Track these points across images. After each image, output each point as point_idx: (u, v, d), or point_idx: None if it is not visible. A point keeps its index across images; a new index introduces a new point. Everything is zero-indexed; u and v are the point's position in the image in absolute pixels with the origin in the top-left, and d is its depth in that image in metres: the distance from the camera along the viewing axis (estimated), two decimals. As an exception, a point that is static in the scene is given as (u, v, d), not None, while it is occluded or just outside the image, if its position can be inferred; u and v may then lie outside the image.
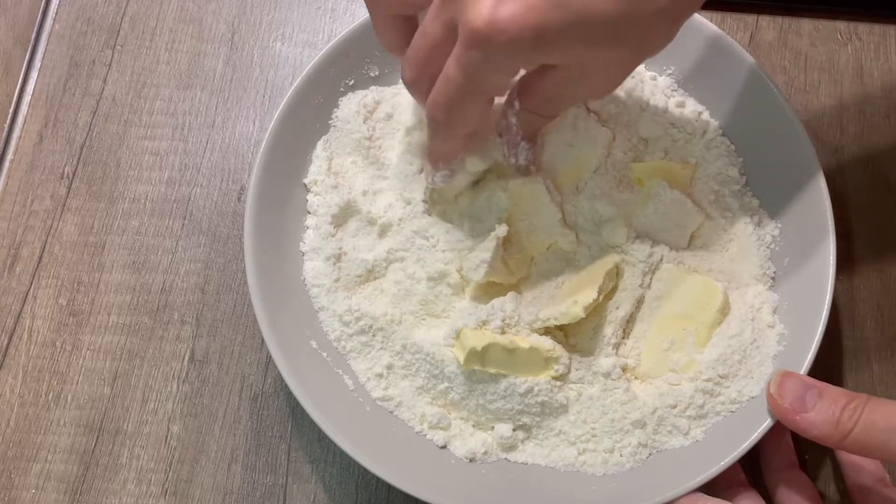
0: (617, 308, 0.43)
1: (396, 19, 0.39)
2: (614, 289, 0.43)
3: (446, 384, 0.42)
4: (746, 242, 0.45)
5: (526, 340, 0.41)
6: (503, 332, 0.42)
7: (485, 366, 0.41)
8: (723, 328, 0.43)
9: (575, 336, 0.44)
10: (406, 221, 0.45)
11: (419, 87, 0.38)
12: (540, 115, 0.40)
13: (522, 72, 0.38)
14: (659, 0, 0.33)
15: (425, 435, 0.43)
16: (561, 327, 0.43)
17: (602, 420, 0.42)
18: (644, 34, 0.34)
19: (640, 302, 0.44)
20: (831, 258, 0.42)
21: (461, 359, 0.40)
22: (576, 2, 0.32)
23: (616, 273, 0.43)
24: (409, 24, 0.39)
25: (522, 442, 0.43)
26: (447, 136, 0.39)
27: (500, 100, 0.40)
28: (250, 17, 0.55)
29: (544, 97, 0.38)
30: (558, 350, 0.42)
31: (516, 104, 0.39)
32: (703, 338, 0.42)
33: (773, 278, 0.44)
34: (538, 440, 0.42)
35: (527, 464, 0.42)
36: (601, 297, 0.42)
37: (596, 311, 0.43)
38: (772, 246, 0.45)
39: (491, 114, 0.40)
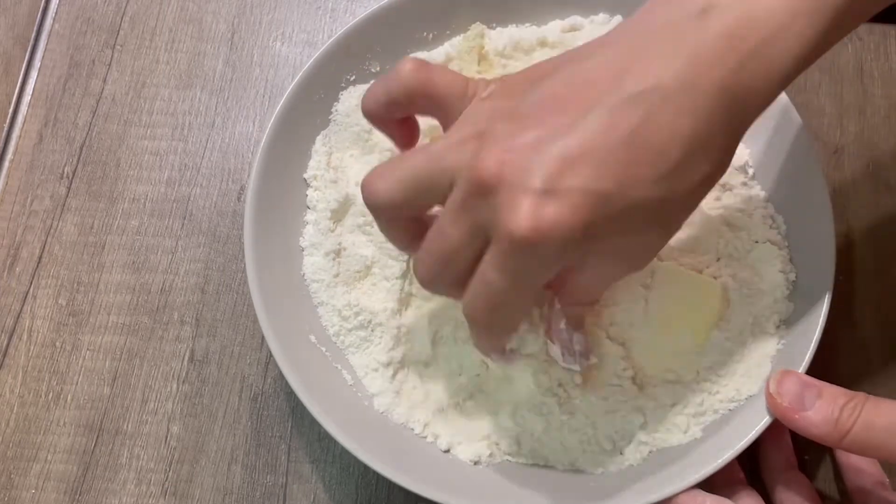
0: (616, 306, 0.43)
1: (405, 223, 0.37)
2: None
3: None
4: (766, 244, 0.44)
5: None
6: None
7: None
8: (722, 327, 0.43)
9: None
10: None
11: (436, 286, 0.36)
12: (581, 304, 0.39)
13: None
14: (694, 176, 0.32)
15: (426, 437, 0.43)
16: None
17: (603, 419, 0.42)
18: (682, 208, 0.34)
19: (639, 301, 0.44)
20: (831, 258, 0.42)
21: None
22: (616, 195, 0.31)
23: None
24: (419, 224, 0.37)
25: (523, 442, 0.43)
26: (492, 337, 0.37)
27: None
28: (250, 17, 0.55)
29: (584, 288, 0.37)
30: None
31: (557, 306, 0.39)
32: (701, 337, 0.42)
33: (794, 281, 0.43)
34: (540, 441, 0.42)
35: (527, 464, 0.42)
36: None
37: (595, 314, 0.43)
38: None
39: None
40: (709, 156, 0.32)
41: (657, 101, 0.31)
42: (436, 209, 0.35)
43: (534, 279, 0.33)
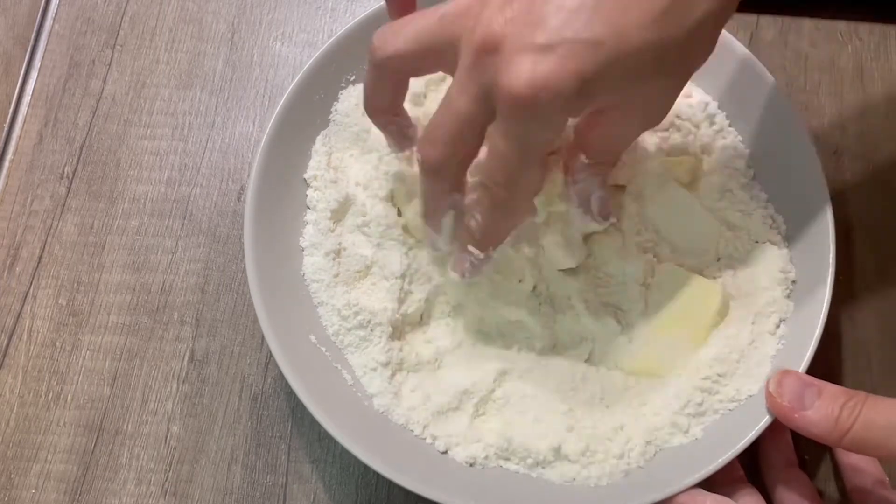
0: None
1: (395, 85, 0.37)
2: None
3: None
4: (766, 245, 0.44)
5: None
6: None
7: None
8: (721, 328, 0.43)
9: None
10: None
11: (447, 167, 0.36)
12: (602, 162, 0.38)
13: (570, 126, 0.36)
14: (692, 14, 0.32)
15: (424, 439, 0.43)
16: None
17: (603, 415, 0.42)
18: (686, 52, 0.33)
19: (637, 302, 0.44)
20: (831, 258, 0.42)
21: None
22: (610, 40, 0.31)
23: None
24: (401, 93, 0.38)
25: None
26: (512, 212, 0.37)
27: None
28: (250, 17, 0.55)
29: (602, 144, 0.37)
30: None
31: (582, 158, 0.38)
32: (700, 338, 0.42)
33: (794, 281, 0.43)
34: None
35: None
36: None
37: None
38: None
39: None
40: None
41: None
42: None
43: (540, 139, 0.33)
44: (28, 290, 0.49)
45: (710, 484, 0.39)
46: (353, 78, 0.47)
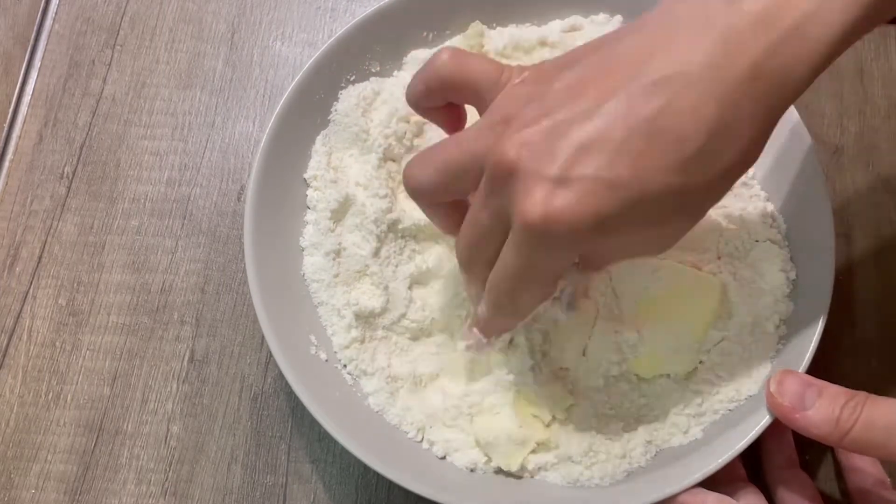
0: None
1: (444, 207, 0.38)
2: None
3: None
4: (766, 244, 0.44)
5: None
6: None
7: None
8: (721, 326, 0.43)
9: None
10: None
11: (473, 268, 0.37)
12: (589, 268, 0.39)
13: None
14: (718, 164, 0.31)
15: (420, 442, 0.43)
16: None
17: (611, 426, 0.42)
18: (706, 198, 0.33)
19: (637, 298, 0.44)
20: (831, 258, 0.42)
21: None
22: (631, 184, 0.30)
23: None
24: (459, 207, 0.38)
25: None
26: (511, 315, 0.38)
27: None
28: (250, 17, 0.55)
29: (599, 260, 0.37)
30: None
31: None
32: (700, 333, 0.42)
33: (794, 281, 0.43)
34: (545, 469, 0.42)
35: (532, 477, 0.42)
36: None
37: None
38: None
39: None
40: (734, 144, 0.31)
41: (680, 87, 0.30)
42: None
43: (548, 265, 0.33)
44: (28, 290, 0.49)
45: (711, 483, 0.39)
46: (353, 78, 0.47)
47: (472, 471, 0.42)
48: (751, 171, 0.46)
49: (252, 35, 0.55)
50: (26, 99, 0.53)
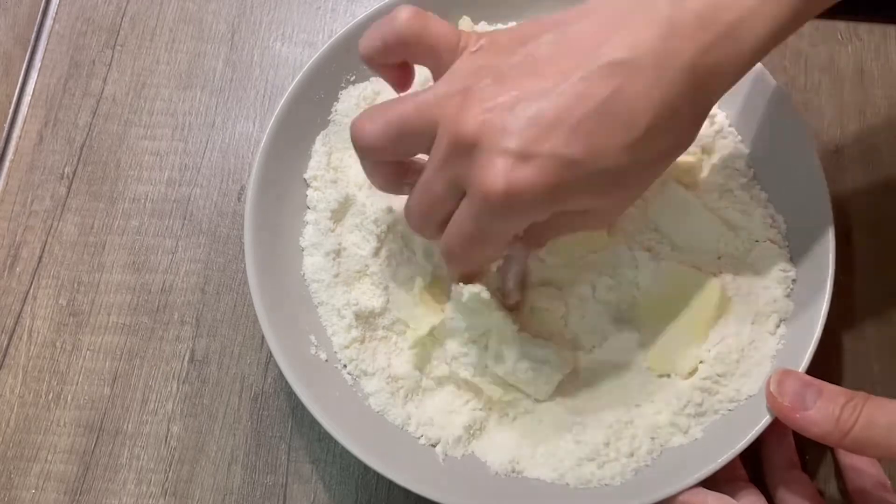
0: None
1: (387, 166, 0.39)
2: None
3: None
4: (766, 244, 0.44)
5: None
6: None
7: None
8: (721, 326, 0.43)
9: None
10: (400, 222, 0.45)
11: (425, 231, 0.39)
12: (534, 244, 0.42)
13: None
14: (659, 146, 0.34)
15: (419, 439, 0.43)
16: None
17: (617, 423, 0.42)
18: (647, 175, 0.36)
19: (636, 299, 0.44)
20: (831, 258, 0.42)
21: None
22: (584, 161, 0.33)
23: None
24: (399, 168, 0.39)
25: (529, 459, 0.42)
26: (469, 266, 0.40)
27: None
28: (250, 17, 0.55)
29: (543, 234, 0.39)
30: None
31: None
32: (700, 333, 0.42)
33: (794, 281, 0.43)
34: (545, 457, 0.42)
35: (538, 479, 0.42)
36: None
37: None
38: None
39: None
40: (675, 128, 0.34)
41: (630, 73, 0.33)
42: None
43: (501, 231, 0.36)
44: (28, 291, 0.49)
45: (712, 483, 0.39)
46: (353, 78, 0.47)
47: (472, 471, 0.42)
48: (751, 172, 0.46)
49: (252, 35, 0.55)
50: (26, 99, 0.53)
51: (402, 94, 0.39)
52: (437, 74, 0.37)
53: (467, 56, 0.36)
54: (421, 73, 0.42)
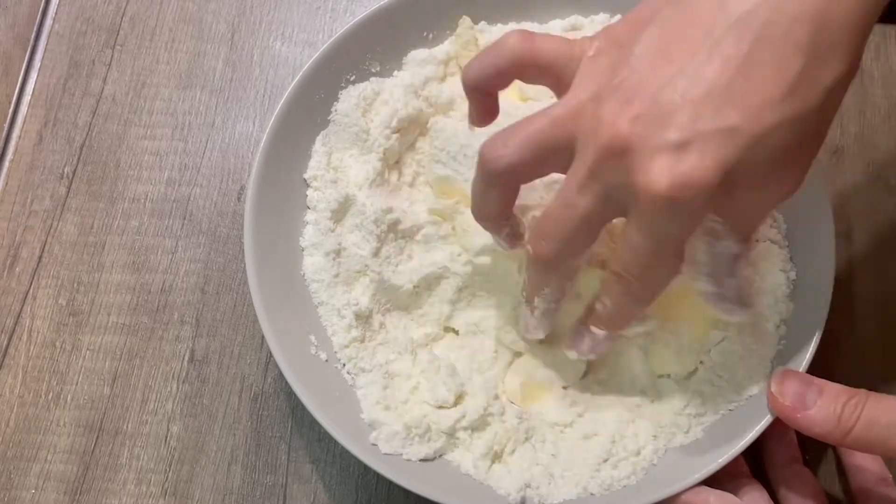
0: None
1: (511, 192, 0.37)
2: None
3: None
4: (766, 244, 0.44)
5: None
6: None
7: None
8: (721, 326, 0.43)
9: None
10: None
11: (560, 261, 0.36)
12: (744, 239, 0.35)
13: None
14: (823, 82, 0.30)
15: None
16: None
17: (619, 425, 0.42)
18: (820, 119, 0.32)
19: None
20: (831, 258, 0.42)
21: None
22: (745, 124, 0.30)
23: None
24: (515, 196, 0.37)
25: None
26: (643, 299, 0.36)
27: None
28: (250, 17, 0.55)
29: (739, 221, 0.34)
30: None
31: (706, 242, 0.34)
32: (700, 332, 0.42)
33: (794, 280, 0.43)
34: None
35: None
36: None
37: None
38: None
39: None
40: (833, 56, 0.30)
41: (766, 18, 0.30)
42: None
43: (680, 234, 0.33)
44: (28, 290, 0.49)
45: (714, 480, 0.39)
46: (353, 78, 0.47)
47: (472, 471, 0.42)
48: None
49: (252, 35, 0.55)
50: (26, 99, 0.53)
51: (526, 116, 0.35)
52: (559, 90, 0.36)
53: (588, 61, 0.34)
54: None
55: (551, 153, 0.34)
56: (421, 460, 0.41)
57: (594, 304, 0.37)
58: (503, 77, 0.37)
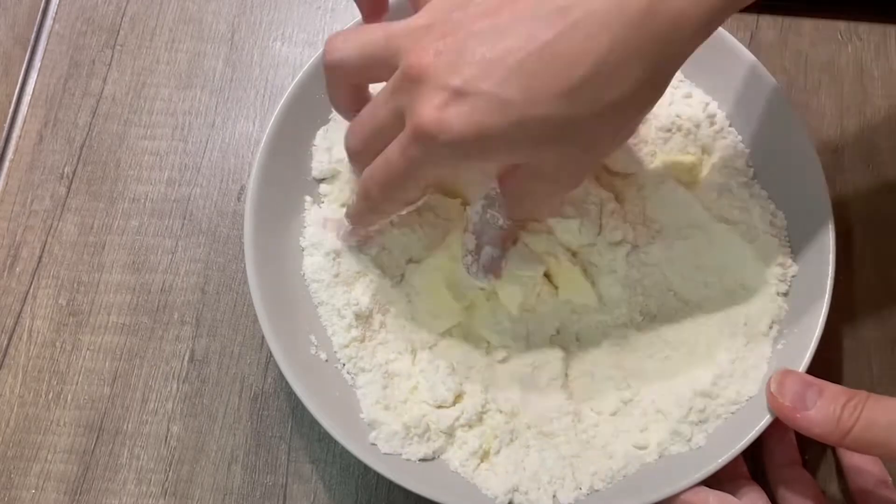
0: None
1: (350, 87, 0.39)
2: None
3: None
4: (765, 241, 0.44)
5: None
6: None
7: None
8: (721, 327, 0.43)
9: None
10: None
11: (361, 158, 0.39)
12: (511, 218, 0.41)
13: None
14: (606, 96, 0.32)
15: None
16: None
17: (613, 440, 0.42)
18: (597, 130, 0.34)
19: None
20: (831, 258, 0.42)
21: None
22: (519, 103, 0.32)
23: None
24: (361, 93, 0.40)
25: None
26: (376, 211, 0.40)
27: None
28: (250, 17, 0.55)
29: (514, 201, 0.39)
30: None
31: (481, 205, 0.41)
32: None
33: (794, 277, 0.43)
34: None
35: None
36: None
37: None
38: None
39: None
40: (620, 80, 0.32)
41: (580, 16, 0.32)
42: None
43: (425, 169, 0.35)
44: (28, 290, 0.49)
45: (714, 481, 0.39)
46: (353, 78, 0.47)
47: (473, 471, 0.42)
48: (751, 172, 0.46)
49: (252, 35, 0.55)
50: (26, 99, 0.53)
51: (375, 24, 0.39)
52: (416, 8, 0.37)
53: None
54: None
55: (377, 62, 0.36)
56: (420, 460, 0.41)
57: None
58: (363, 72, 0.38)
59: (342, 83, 0.39)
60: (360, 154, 0.39)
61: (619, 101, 0.32)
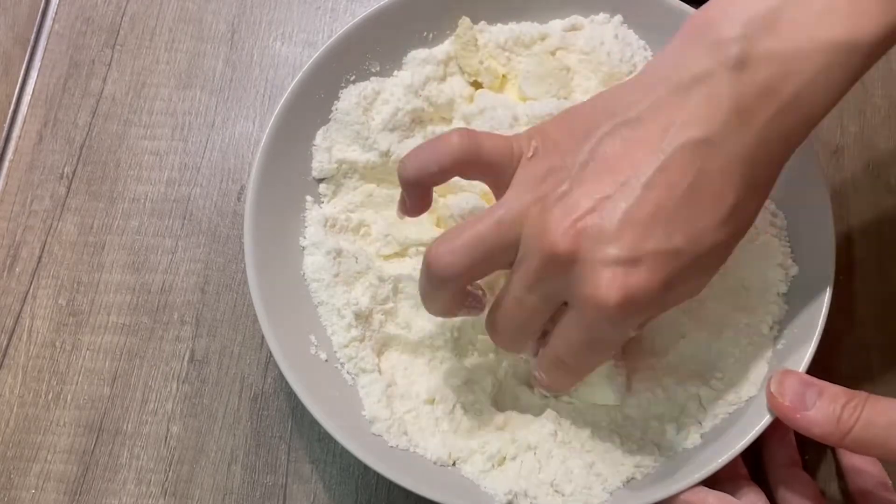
0: None
1: (460, 291, 0.38)
2: None
3: None
4: (766, 241, 0.44)
5: None
6: None
7: None
8: (718, 329, 0.42)
9: None
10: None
11: (514, 347, 0.39)
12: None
13: None
14: (746, 216, 0.35)
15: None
16: None
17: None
18: (735, 244, 0.35)
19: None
20: (831, 258, 0.42)
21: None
22: (688, 248, 0.33)
23: None
24: (463, 292, 0.38)
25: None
26: (574, 377, 0.39)
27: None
28: (250, 17, 0.55)
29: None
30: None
31: None
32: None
33: (794, 277, 0.43)
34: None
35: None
36: None
37: None
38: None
39: None
40: (757, 191, 0.35)
41: (707, 152, 0.33)
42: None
43: (618, 337, 0.36)
44: (28, 290, 0.49)
45: (713, 481, 0.39)
46: (354, 77, 0.47)
47: (473, 471, 0.42)
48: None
49: (252, 35, 0.55)
50: (26, 99, 0.53)
51: (471, 217, 0.38)
52: (497, 188, 0.37)
53: (526, 163, 0.36)
54: None
55: (497, 254, 0.35)
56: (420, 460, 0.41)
57: (534, 371, 0.40)
58: (444, 175, 0.37)
59: (453, 291, 0.37)
60: (515, 346, 0.39)
61: (754, 213, 0.35)
